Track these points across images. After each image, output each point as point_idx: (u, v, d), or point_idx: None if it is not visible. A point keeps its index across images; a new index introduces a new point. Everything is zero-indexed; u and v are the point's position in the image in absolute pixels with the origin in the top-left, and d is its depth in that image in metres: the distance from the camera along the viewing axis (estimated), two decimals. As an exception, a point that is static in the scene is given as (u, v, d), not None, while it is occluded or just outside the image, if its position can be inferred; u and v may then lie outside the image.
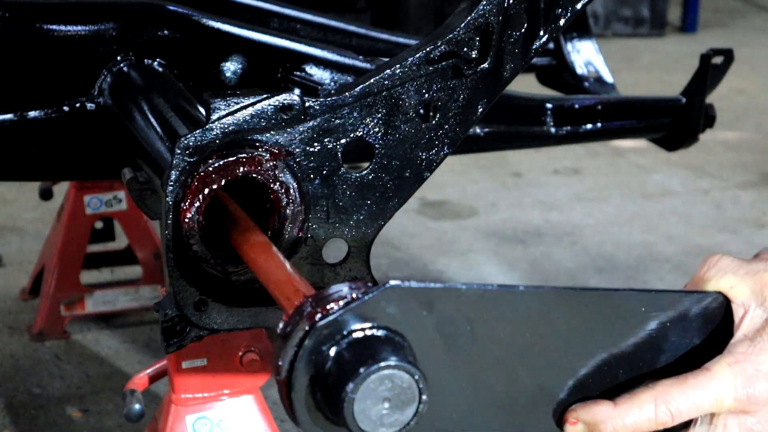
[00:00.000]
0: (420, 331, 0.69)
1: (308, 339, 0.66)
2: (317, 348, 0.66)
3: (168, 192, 0.94)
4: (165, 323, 1.01)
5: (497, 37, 1.08)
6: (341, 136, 1.02)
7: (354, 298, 0.67)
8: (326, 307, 0.67)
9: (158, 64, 1.38)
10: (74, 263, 2.81)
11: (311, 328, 0.66)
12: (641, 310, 0.78)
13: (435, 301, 0.69)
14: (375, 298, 0.67)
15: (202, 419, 1.70)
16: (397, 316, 0.68)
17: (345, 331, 0.66)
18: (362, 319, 0.67)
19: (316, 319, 0.66)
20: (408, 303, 0.68)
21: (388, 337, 0.67)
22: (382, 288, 0.67)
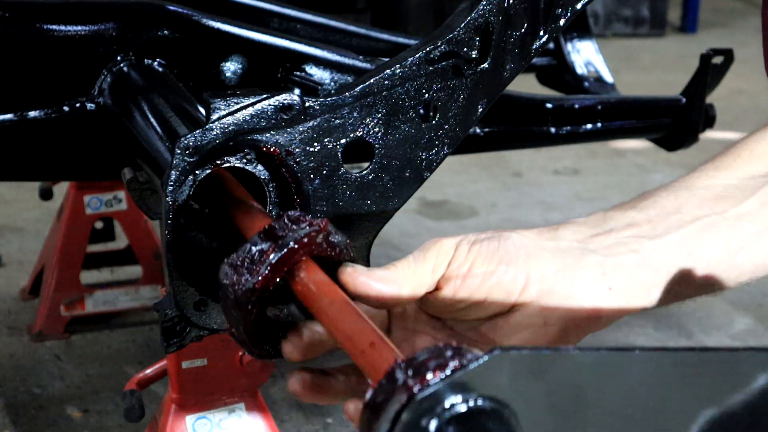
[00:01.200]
0: (527, 400, 0.62)
1: (406, 413, 0.59)
2: (416, 422, 0.59)
3: (168, 192, 0.94)
4: (165, 323, 1.01)
5: (497, 37, 1.08)
6: (341, 136, 1.02)
7: (456, 368, 0.60)
8: (426, 378, 0.60)
9: (158, 64, 1.38)
10: (74, 263, 2.81)
11: (409, 400, 0.59)
12: (762, 370, 0.70)
13: (546, 369, 0.62)
14: (481, 367, 0.60)
15: (202, 419, 1.70)
16: (503, 387, 0.61)
17: (447, 404, 0.59)
18: (466, 391, 0.60)
19: (415, 392, 0.60)
20: (516, 372, 0.61)
21: (493, 410, 0.60)
22: (488, 356, 0.60)
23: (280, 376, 2.59)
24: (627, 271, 0.82)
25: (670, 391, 0.68)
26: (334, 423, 2.43)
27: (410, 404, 0.59)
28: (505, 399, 0.61)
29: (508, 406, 0.61)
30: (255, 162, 1.00)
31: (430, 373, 0.60)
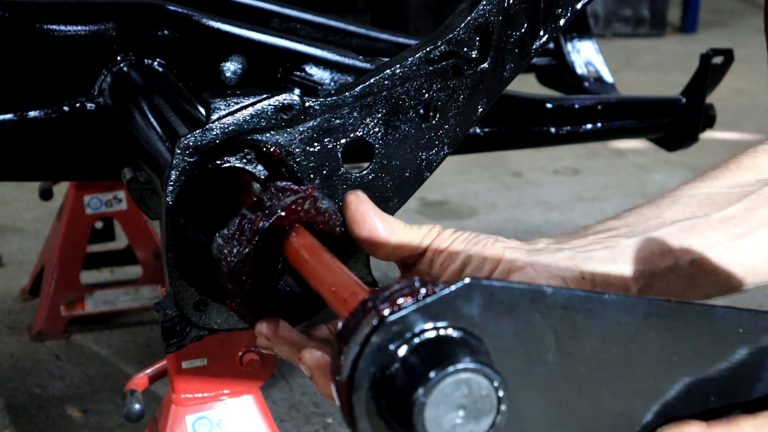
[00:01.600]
0: (498, 336, 0.62)
1: (375, 336, 0.59)
2: (385, 346, 0.59)
3: (168, 192, 0.94)
4: (165, 323, 1.01)
5: (497, 37, 1.08)
6: (341, 136, 1.02)
7: (427, 293, 0.60)
8: (396, 302, 0.60)
9: (158, 64, 1.38)
10: (74, 263, 2.81)
11: (380, 323, 0.59)
12: (738, 332, 0.70)
13: (516, 304, 0.62)
14: (451, 294, 0.60)
15: (202, 419, 1.70)
16: (474, 317, 0.61)
17: (417, 329, 0.59)
18: (435, 318, 0.59)
19: (385, 314, 0.59)
20: (487, 303, 0.61)
21: (464, 339, 0.60)
22: (459, 284, 0.60)
23: (280, 376, 2.59)
24: (599, 263, 0.82)
25: (644, 342, 0.67)
26: (334, 423, 2.43)
27: (380, 327, 0.59)
28: (475, 330, 0.61)
29: (479, 337, 0.61)
30: (255, 162, 1.00)
31: (401, 298, 0.60)
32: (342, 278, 0.75)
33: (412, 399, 0.57)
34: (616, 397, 0.68)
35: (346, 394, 0.60)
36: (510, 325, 0.62)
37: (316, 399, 2.53)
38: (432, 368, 0.57)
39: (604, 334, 0.66)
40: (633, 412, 0.70)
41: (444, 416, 0.57)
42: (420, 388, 0.57)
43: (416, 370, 0.58)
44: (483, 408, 0.58)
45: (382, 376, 0.59)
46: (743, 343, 0.70)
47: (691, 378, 0.70)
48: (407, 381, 0.58)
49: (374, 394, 0.60)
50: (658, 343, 0.68)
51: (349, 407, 0.61)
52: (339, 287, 0.74)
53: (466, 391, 0.58)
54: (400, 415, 0.59)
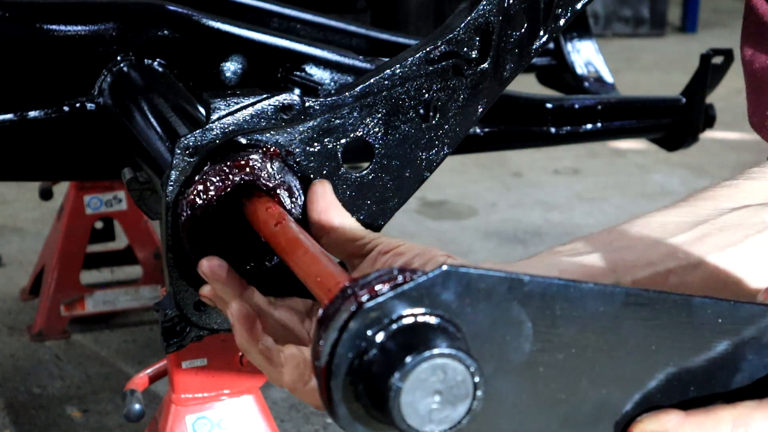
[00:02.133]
0: (476, 323, 0.62)
1: (353, 321, 0.59)
2: (363, 332, 0.60)
3: (168, 192, 0.94)
4: (165, 323, 1.01)
5: (497, 37, 1.08)
6: (341, 136, 1.02)
7: (405, 280, 0.61)
8: (374, 288, 0.61)
9: (158, 64, 1.38)
10: (74, 263, 2.82)
11: (358, 309, 0.60)
12: (718, 322, 0.70)
13: (494, 291, 0.62)
14: (428, 281, 0.60)
15: (202, 419, 1.70)
16: (451, 304, 0.61)
17: (394, 315, 0.60)
18: (413, 304, 0.60)
19: (363, 300, 0.60)
20: (464, 290, 0.61)
21: (441, 325, 0.60)
22: (436, 271, 0.61)
23: (280, 376, 2.59)
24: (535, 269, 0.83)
25: (622, 331, 0.67)
26: (334, 423, 2.43)
27: (358, 313, 0.59)
28: (452, 317, 0.61)
29: (457, 324, 0.61)
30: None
31: (380, 285, 0.61)
32: (327, 268, 0.77)
33: (388, 384, 0.58)
34: (595, 386, 0.69)
35: (325, 379, 0.61)
36: (487, 312, 0.63)
37: (316, 399, 2.53)
38: (408, 353, 0.58)
39: (582, 322, 0.66)
40: (612, 400, 0.70)
41: (420, 401, 0.58)
42: (396, 372, 0.57)
43: (393, 356, 0.58)
44: (459, 393, 0.59)
45: (360, 361, 0.60)
46: (723, 334, 0.71)
47: (671, 368, 0.70)
48: (384, 366, 0.58)
49: (352, 380, 0.60)
50: (636, 333, 0.68)
51: (327, 392, 0.61)
52: (324, 278, 0.76)
53: (442, 376, 0.58)
54: (377, 400, 0.59)
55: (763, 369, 0.73)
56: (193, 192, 0.94)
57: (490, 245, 3.57)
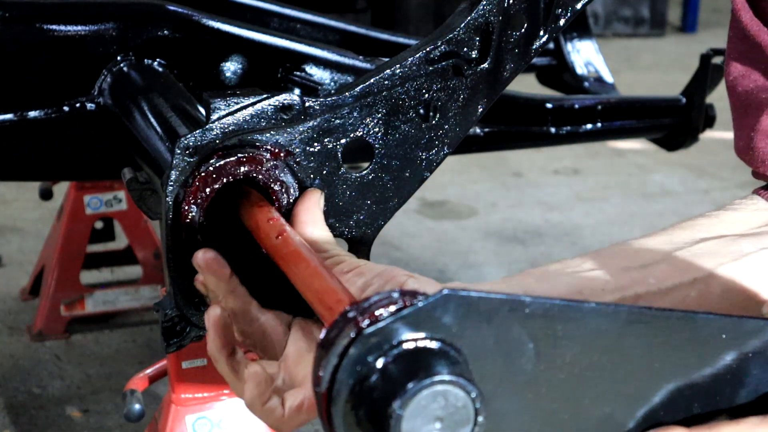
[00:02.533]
0: (477, 345, 0.62)
1: (353, 347, 0.59)
2: (363, 358, 0.60)
3: (168, 192, 0.94)
4: (165, 323, 1.01)
5: (497, 37, 1.08)
6: (341, 136, 1.02)
7: (405, 305, 0.61)
8: (374, 314, 0.61)
9: (158, 64, 1.38)
10: (74, 263, 2.82)
11: (357, 335, 0.60)
12: (722, 337, 0.70)
13: (495, 313, 0.62)
14: (429, 305, 0.60)
15: (202, 419, 1.70)
16: (452, 328, 0.61)
17: (395, 340, 0.60)
18: (414, 328, 0.60)
19: (363, 326, 0.60)
20: (465, 313, 0.61)
21: (442, 350, 0.60)
22: (437, 295, 0.60)
23: (280, 376, 2.59)
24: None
25: (626, 349, 0.67)
26: (334, 423, 2.43)
27: (358, 339, 0.59)
28: (454, 341, 0.61)
29: (458, 348, 0.61)
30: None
31: (380, 309, 0.61)
32: (328, 284, 0.77)
33: (389, 411, 0.57)
34: (598, 404, 0.69)
35: (325, 405, 0.61)
36: (489, 335, 0.63)
37: (316, 399, 2.53)
38: (409, 380, 0.58)
39: (585, 342, 0.66)
40: (616, 418, 0.70)
41: (421, 428, 0.58)
42: (397, 399, 0.57)
43: (393, 382, 0.58)
44: (460, 419, 0.58)
45: (361, 387, 0.60)
46: (726, 349, 0.70)
47: (675, 384, 0.70)
48: (385, 392, 0.58)
49: (353, 406, 0.60)
50: (639, 350, 0.68)
51: (328, 418, 0.61)
52: (325, 294, 0.75)
53: (443, 402, 0.58)
54: (378, 427, 0.59)
55: (767, 384, 0.72)
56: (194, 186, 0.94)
57: (490, 245, 3.57)
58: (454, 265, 3.36)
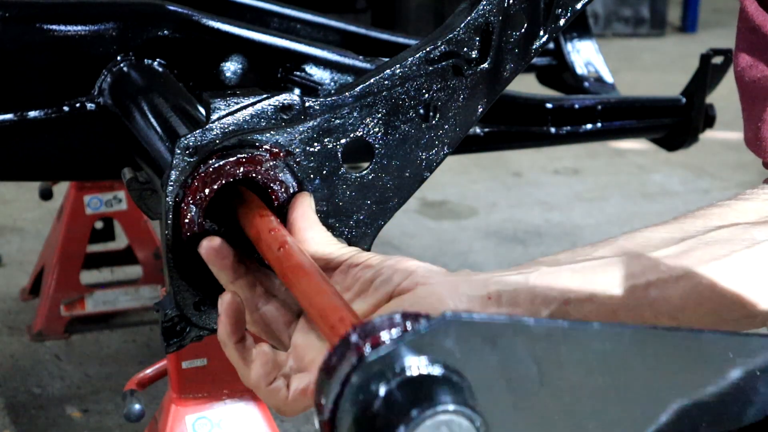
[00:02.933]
0: (481, 369, 0.61)
1: (355, 375, 0.59)
2: (366, 385, 0.58)
3: (168, 192, 0.94)
4: (165, 323, 1.01)
5: (497, 37, 1.08)
6: (341, 136, 1.02)
7: (407, 329, 0.60)
8: (378, 337, 0.60)
9: (158, 64, 1.38)
10: (74, 263, 2.82)
11: (359, 362, 0.59)
12: (728, 356, 0.69)
13: (499, 337, 0.61)
14: (432, 330, 0.59)
15: (202, 419, 1.70)
16: (456, 352, 0.60)
17: (397, 367, 0.58)
18: (416, 353, 0.59)
19: (366, 353, 0.59)
20: (469, 337, 0.60)
21: (445, 376, 0.59)
22: (439, 319, 0.59)
23: (280, 376, 2.59)
24: (511, 287, 0.82)
25: (632, 370, 0.66)
26: (334, 423, 2.43)
27: (360, 366, 0.58)
28: (457, 366, 0.60)
29: (462, 374, 0.60)
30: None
31: (383, 333, 0.60)
32: (331, 301, 0.76)
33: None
34: (604, 426, 0.68)
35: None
36: (492, 358, 0.62)
37: (316, 399, 2.53)
38: (412, 407, 0.57)
39: (590, 363, 0.65)
40: None
41: None
42: (400, 428, 0.57)
43: (396, 410, 0.57)
44: None
45: (364, 415, 0.59)
46: (734, 368, 0.69)
47: (681, 404, 0.69)
48: (388, 421, 0.57)
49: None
50: (645, 370, 0.67)
51: None
52: (327, 311, 0.75)
53: (447, 431, 0.57)
54: None
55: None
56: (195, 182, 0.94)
57: (490, 245, 3.57)
58: (454, 265, 3.36)
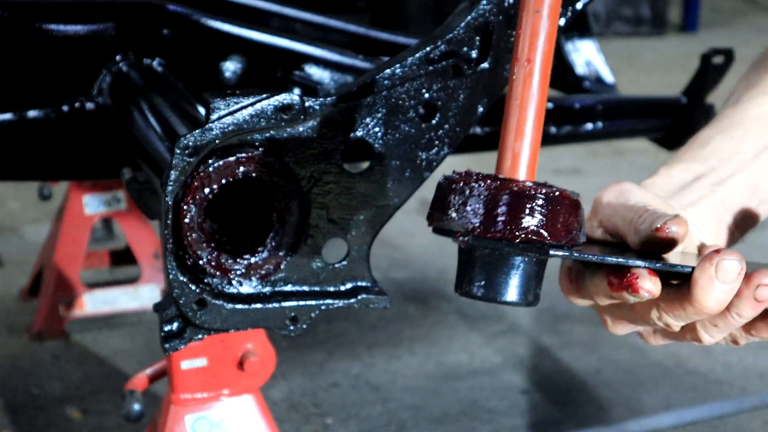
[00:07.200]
0: None
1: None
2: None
3: (168, 192, 0.94)
4: (164, 323, 1.01)
5: (497, 36, 1.07)
6: (341, 136, 1.02)
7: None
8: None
9: (158, 64, 1.38)
10: (74, 263, 2.81)
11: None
12: None
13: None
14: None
15: (202, 419, 1.70)
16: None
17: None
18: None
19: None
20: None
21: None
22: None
23: (280, 376, 2.59)
24: (708, 216, 0.85)
25: None
26: (334, 423, 2.43)
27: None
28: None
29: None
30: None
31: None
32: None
33: None
34: None
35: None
36: None
37: (315, 399, 2.52)
38: None
39: None
40: None
41: None
42: None
43: None
44: None
45: None
46: None
47: None
48: None
49: None
50: None
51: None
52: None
53: None
54: None
55: None
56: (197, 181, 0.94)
57: (490, 245, 3.56)
58: (454, 265, 3.35)
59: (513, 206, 0.64)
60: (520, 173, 0.68)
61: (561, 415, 2.45)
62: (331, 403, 2.50)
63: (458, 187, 0.66)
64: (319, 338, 2.83)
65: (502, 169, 0.68)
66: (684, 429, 2.42)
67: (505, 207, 0.64)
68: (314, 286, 1.05)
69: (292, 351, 2.74)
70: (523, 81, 0.69)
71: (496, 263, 0.67)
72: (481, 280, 0.67)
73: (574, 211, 0.67)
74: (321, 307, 1.05)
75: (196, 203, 0.96)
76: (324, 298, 1.05)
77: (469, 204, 0.65)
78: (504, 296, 0.67)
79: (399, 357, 2.74)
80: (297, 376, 2.63)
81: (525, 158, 0.68)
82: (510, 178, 0.66)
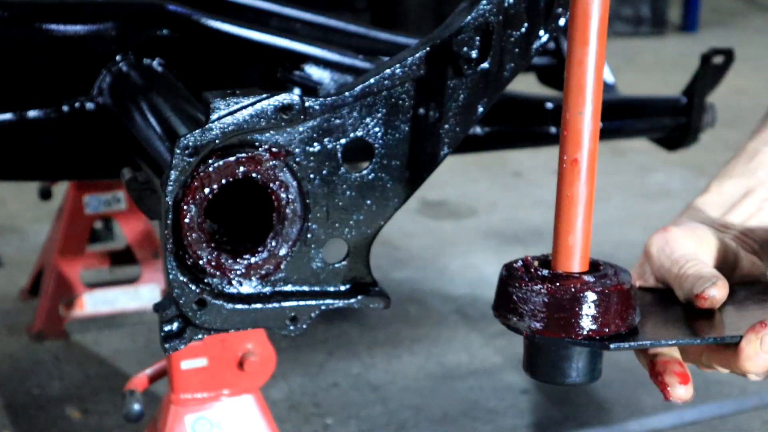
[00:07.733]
0: None
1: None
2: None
3: (168, 192, 0.94)
4: (164, 323, 1.01)
5: (497, 36, 1.07)
6: (341, 136, 1.02)
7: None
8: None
9: (158, 64, 1.38)
10: (74, 263, 2.81)
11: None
12: None
13: None
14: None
15: (202, 419, 1.70)
16: None
17: None
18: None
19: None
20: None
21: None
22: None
23: (280, 376, 2.59)
24: (760, 232, 0.88)
25: None
26: (334, 423, 2.43)
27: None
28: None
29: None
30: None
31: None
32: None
33: None
34: None
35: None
36: None
37: (315, 399, 2.53)
38: None
39: None
40: None
41: None
42: None
43: None
44: None
45: None
46: None
47: None
48: None
49: None
50: None
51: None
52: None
53: None
54: None
55: None
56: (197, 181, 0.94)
57: (491, 245, 3.57)
58: (454, 265, 3.36)
59: (572, 308, 0.72)
60: (575, 265, 0.74)
61: (561, 415, 2.46)
62: (331, 403, 2.50)
63: (520, 288, 0.74)
64: (319, 338, 2.83)
65: (557, 262, 0.75)
66: (684, 429, 2.42)
67: (565, 310, 0.72)
68: (314, 286, 1.05)
69: (292, 351, 2.74)
70: (572, 181, 0.83)
71: (561, 353, 0.74)
72: (548, 366, 0.75)
73: (627, 299, 0.74)
74: (321, 307, 1.05)
75: (196, 203, 0.96)
76: (324, 298, 1.06)
77: (531, 303, 0.73)
78: (571, 379, 0.75)
79: (399, 357, 2.74)
80: (297, 376, 2.63)
81: (578, 250, 0.76)
82: (566, 273, 0.73)
